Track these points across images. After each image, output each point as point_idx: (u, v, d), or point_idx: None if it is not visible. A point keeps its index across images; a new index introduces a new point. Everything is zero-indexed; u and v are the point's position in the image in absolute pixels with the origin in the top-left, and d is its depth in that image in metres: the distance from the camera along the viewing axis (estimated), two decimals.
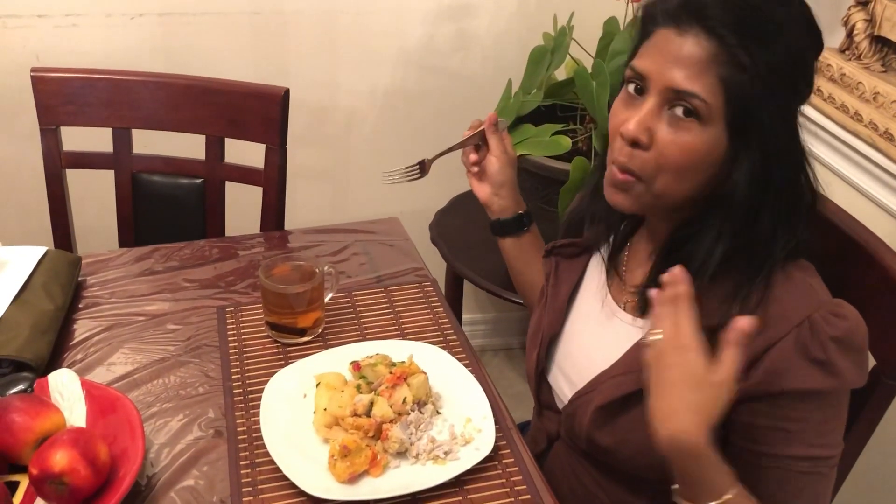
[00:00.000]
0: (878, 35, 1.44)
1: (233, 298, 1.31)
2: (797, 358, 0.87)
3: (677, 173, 0.90)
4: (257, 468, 1.00)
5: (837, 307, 0.88)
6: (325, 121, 2.15)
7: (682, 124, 0.88)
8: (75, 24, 1.93)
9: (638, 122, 0.89)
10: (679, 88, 0.87)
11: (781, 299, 0.89)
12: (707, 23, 0.85)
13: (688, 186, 0.91)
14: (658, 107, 0.89)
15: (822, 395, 0.88)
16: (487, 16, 2.11)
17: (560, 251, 1.13)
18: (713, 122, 0.87)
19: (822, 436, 0.89)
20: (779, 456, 0.90)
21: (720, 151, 0.89)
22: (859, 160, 1.44)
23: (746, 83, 0.85)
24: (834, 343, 0.86)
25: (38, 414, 0.97)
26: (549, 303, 1.13)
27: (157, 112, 1.55)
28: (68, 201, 1.61)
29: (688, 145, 0.88)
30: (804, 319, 0.87)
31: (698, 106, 0.86)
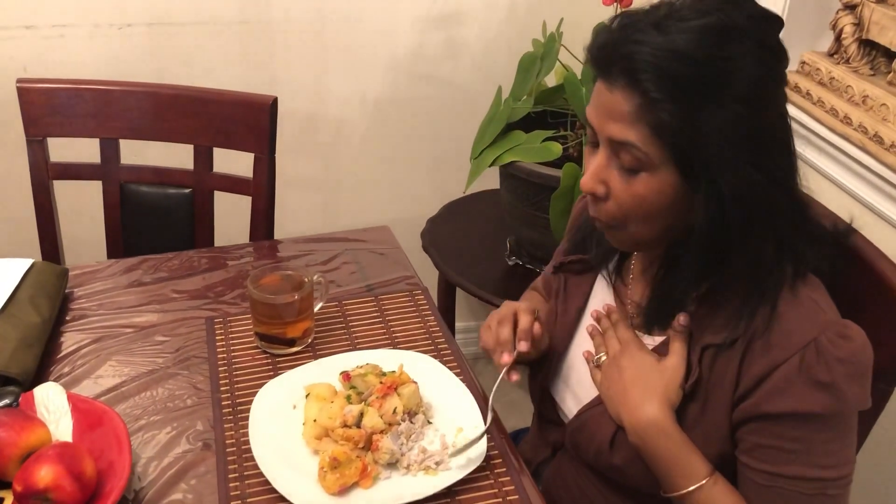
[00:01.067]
0: (866, 38, 1.44)
1: (222, 309, 1.30)
2: (801, 380, 0.86)
3: (641, 219, 0.90)
4: (246, 481, 0.99)
5: (844, 328, 0.87)
6: (314, 129, 2.14)
7: (630, 174, 0.88)
8: (63, 35, 1.92)
9: (591, 176, 0.91)
10: (617, 140, 0.87)
11: (788, 319, 0.88)
12: (631, 76, 0.84)
13: (659, 226, 0.91)
14: (607, 158, 0.90)
15: (825, 418, 0.87)
16: (477, 23, 2.11)
17: (569, 267, 1.13)
18: (660, 167, 0.86)
19: (828, 456, 0.88)
20: (782, 476, 0.89)
21: (677, 192, 0.87)
22: (849, 163, 1.43)
23: (681, 130, 0.83)
24: (840, 365, 0.85)
25: (24, 429, 0.96)
26: (558, 319, 1.13)
27: (144, 122, 1.54)
28: (56, 212, 1.59)
29: (641, 194, 0.88)
30: (811, 341, 0.86)
31: (638, 156, 0.86)
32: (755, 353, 0.89)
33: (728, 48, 0.83)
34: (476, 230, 2.04)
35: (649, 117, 0.84)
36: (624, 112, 0.85)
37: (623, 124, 0.86)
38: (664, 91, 0.83)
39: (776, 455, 0.89)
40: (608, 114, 0.87)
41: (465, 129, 2.04)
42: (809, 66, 1.54)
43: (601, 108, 0.89)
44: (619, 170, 0.89)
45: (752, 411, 0.89)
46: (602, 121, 0.88)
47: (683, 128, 0.83)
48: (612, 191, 0.90)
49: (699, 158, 0.85)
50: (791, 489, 0.89)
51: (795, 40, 1.60)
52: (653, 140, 0.85)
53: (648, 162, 0.86)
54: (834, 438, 0.89)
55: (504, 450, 1.04)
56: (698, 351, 0.93)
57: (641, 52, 0.83)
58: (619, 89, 0.85)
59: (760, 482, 0.90)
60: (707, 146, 0.84)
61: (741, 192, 0.85)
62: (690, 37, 0.83)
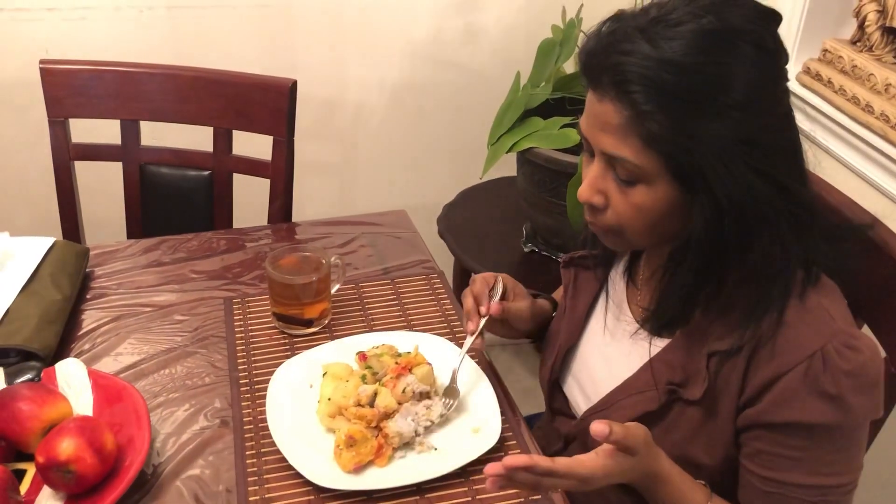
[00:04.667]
0: (889, 26, 1.43)
1: (240, 290, 1.31)
2: (806, 390, 0.85)
3: (640, 227, 0.89)
4: (263, 458, 1.00)
5: (853, 339, 0.85)
6: (333, 114, 2.15)
7: (628, 185, 0.87)
8: (84, 18, 1.93)
9: (589, 187, 0.89)
10: (609, 153, 0.86)
11: (795, 327, 0.86)
12: (620, 88, 0.82)
13: (658, 234, 0.90)
14: (603, 169, 0.88)
15: (830, 429, 0.86)
16: (496, 9, 2.11)
17: (580, 262, 1.12)
18: (656, 178, 0.85)
19: (832, 464, 0.87)
20: (784, 483, 0.88)
21: (674, 201, 0.86)
22: (870, 152, 1.42)
23: (674, 141, 0.82)
24: (847, 378, 0.83)
25: (45, 402, 0.97)
26: (567, 314, 1.12)
27: (165, 104, 1.55)
28: (77, 193, 1.61)
29: (638, 204, 0.87)
30: (817, 350, 0.84)
31: (632, 169, 0.85)
32: (761, 361, 0.87)
33: (722, 54, 0.81)
34: (492, 216, 2.04)
35: (640, 129, 0.82)
36: (615, 125, 0.84)
37: (615, 137, 0.84)
38: (654, 103, 0.80)
39: (779, 462, 0.88)
40: (600, 126, 0.86)
41: (483, 115, 2.04)
42: (831, 54, 1.53)
43: (593, 119, 0.87)
44: (616, 181, 0.88)
45: (757, 419, 0.88)
46: (594, 133, 0.87)
47: (677, 138, 0.81)
48: (611, 201, 0.89)
49: (695, 168, 0.82)
50: (792, 496, 0.88)
51: (818, 27, 1.59)
52: (646, 152, 0.83)
53: (643, 174, 0.84)
54: (839, 448, 0.87)
55: (518, 432, 1.05)
56: (705, 358, 0.91)
57: (629, 63, 0.81)
58: (609, 101, 0.83)
59: (762, 487, 0.90)
60: (703, 156, 0.81)
61: (740, 200, 0.83)
62: (681, 43, 0.80)
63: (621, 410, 0.99)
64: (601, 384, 1.04)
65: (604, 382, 1.03)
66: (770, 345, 0.87)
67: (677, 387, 0.93)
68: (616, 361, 1.03)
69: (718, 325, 0.91)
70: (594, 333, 1.09)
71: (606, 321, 1.07)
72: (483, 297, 1.09)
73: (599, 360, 1.07)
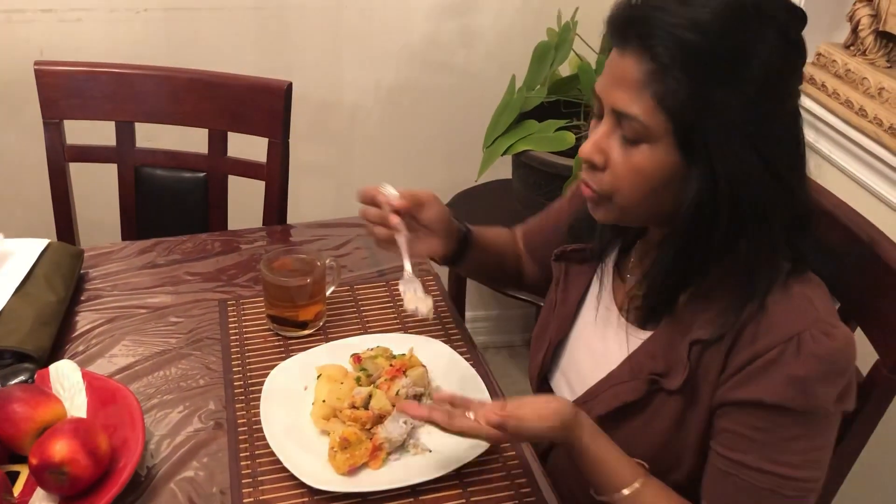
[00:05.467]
0: (883, 30, 1.44)
1: (234, 292, 1.31)
2: (774, 371, 0.85)
3: (633, 191, 0.89)
4: (257, 460, 1.00)
5: (830, 327, 0.86)
6: (328, 116, 2.15)
7: (630, 145, 0.87)
8: (80, 19, 1.93)
9: (592, 145, 0.90)
10: (618, 110, 0.86)
11: (776, 313, 0.87)
12: (645, 40, 0.83)
13: (650, 202, 0.90)
14: (610, 128, 0.89)
15: (792, 412, 0.86)
16: (492, 12, 2.11)
17: (570, 256, 1.12)
18: (660, 141, 0.85)
19: (789, 454, 0.87)
20: (739, 463, 0.89)
21: (673, 168, 0.86)
22: (864, 156, 1.43)
23: (687, 103, 0.82)
24: (815, 362, 0.84)
25: (39, 404, 0.97)
26: (557, 308, 1.12)
27: (160, 106, 1.55)
28: (71, 195, 1.61)
29: (637, 166, 0.87)
30: (795, 336, 0.85)
31: (638, 128, 0.85)
32: (741, 347, 0.88)
33: (749, 28, 0.82)
34: (487, 219, 2.03)
35: (656, 87, 0.83)
36: (632, 79, 0.84)
37: (629, 93, 0.85)
38: (675, 59, 0.81)
39: (737, 441, 0.89)
40: (616, 81, 0.86)
41: (479, 118, 2.04)
42: (825, 58, 1.53)
43: (610, 76, 0.88)
44: (621, 140, 0.88)
45: (724, 397, 0.89)
46: (609, 90, 0.87)
47: (690, 101, 0.82)
48: (610, 161, 0.89)
49: (700, 135, 0.83)
50: (745, 479, 0.88)
51: (812, 31, 1.57)
52: (656, 112, 0.84)
53: (649, 135, 0.85)
54: (798, 437, 0.87)
55: None
56: (687, 347, 0.92)
57: (659, 19, 0.82)
58: (631, 54, 0.84)
59: (720, 467, 0.91)
60: (711, 123, 0.83)
61: (737, 177, 0.84)
62: (711, 9, 0.82)
63: (602, 402, 0.99)
64: (587, 377, 1.04)
65: (590, 375, 1.04)
66: (751, 331, 0.88)
67: (658, 377, 0.94)
68: (602, 354, 1.03)
69: (701, 314, 0.92)
70: (584, 327, 1.10)
71: (596, 314, 1.08)
72: (377, 193, 1.11)
73: (587, 353, 1.08)
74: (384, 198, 1.11)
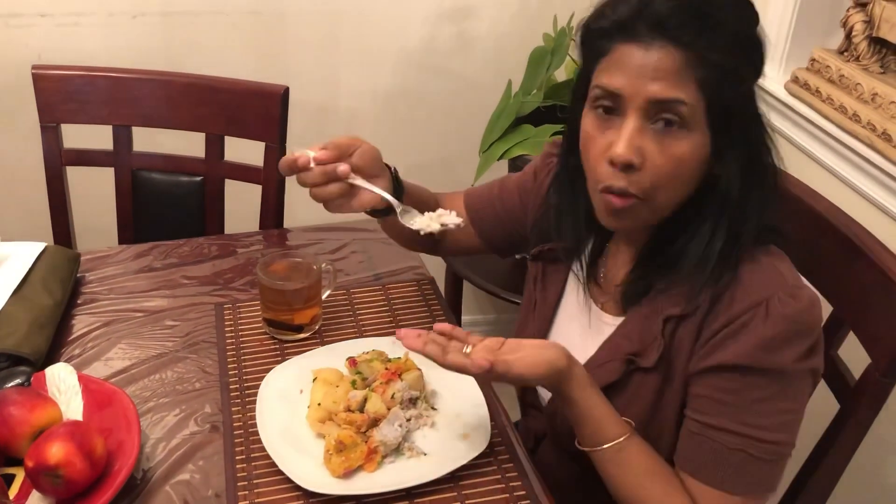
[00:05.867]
0: (876, 36, 1.45)
1: (231, 295, 1.32)
2: (745, 334, 0.88)
3: (673, 184, 0.90)
4: (252, 463, 1.01)
5: (796, 290, 0.89)
6: (325, 121, 2.15)
7: (668, 135, 0.87)
8: (77, 23, 1.94)
9: (627, 145, 0.87)
10: (662, 99, 0.85)
11: (746, 282, 0.90)
12: (669, 33, 0.84)
13: (683, 193, 0.92)
14: (640, 123, 0.87)
15: (760, 372, 0.88)
16: (488, 17, 2.12)
17: (547, 255, 1.13)
18: (696, 125, 0.87)
19: (758, 416, 0.89)
20: (708, 425, 0.91)
21: (706, 151, 0.89)
22: (857, 161, 1.44)
23: (720, 80, 0.85)
24: (782, 322, 0.87)
25: (35, 407, 0.97)
26: (537, 307, 1.14)
27: (157, 110, 1.55)
28: (68, 198, 1.61)
29: (678, 155, 0.87)
30: (763, 301, 0.88)
31: (683, 112, 0.85)
32: (713, 317, 0.91)
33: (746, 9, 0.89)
34: None
35: (695, 72, 0.84)
36: (669, 71, 0.84)
37: (668, 82, 0.85)
38: (707, 39, 0.84)
39: (708, 405, 0.91)
40: (650, 75, 0.85)
41: (475, 123, 2.05)
42: (819, 63, 1.54)
43: (637, 70, 0.85)
44: (654, 133, 0.87)
45: (697, 366, 0.92)
46: (639, 84, 0.85)
47: (724, 83, 0.85)
48: (648, 157, 0.87)
49: (728, 119, 0.87)
50: (715, 439, 0.91)
51: (806, 37, 1.61)
52: (697, 94, 0.85)
53: (690, 118, 0.86)
54: (767, 398, 0.89)
55: (507, 436, 1.06)
56: (661, 323, 0.94)
57: (675, 5, 0.84)
58: (659, 49, 0.84)
59: (692, 430, 0.93)
60: (736, 107, 0.87)
61: (760, 148, 0.90)
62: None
63: None
64: None
65: None
66: (724, 302, 0.90)
67: (634, 356, 0.96)
68: (581, 347, 1.04)
69: (673, 291, 0.94)
70: (562, 323, 1.11)
71: (574, 309, 1.09)
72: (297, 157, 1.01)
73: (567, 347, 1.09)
74: (307, 158, 1.00)
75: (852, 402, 1.01)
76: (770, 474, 0.92)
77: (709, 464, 0.92)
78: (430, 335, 0.93)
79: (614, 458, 0.94)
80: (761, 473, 0.91)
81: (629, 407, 0.97)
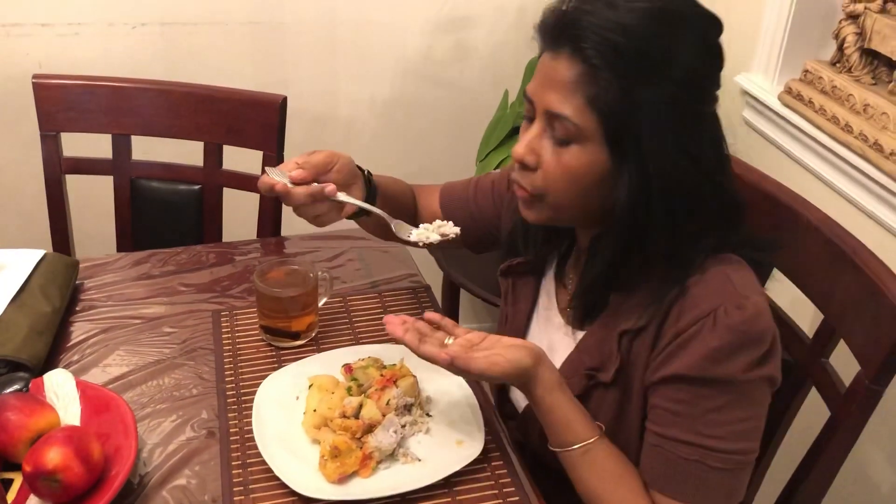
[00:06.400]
0: (868, 48, 1.46)
1: (228, 302, 1.33)
2: (694, 345, 0.89)
3: (565, 191, 0.92)
4: (249, 468, 1.01)
5: (742, 300, 0.89)
6: (323, 130, 2.17)
7: (562, 146, 0.90)
8: (77, 33, 1.96)
9: (524, 145, 0.92)
10: (553, 112, 0.89)
11: (695, 294, 0.91)
12: (576, 43, 0.86)
13: (581, 202, 0.93)
14: (542, 129, 0.91)
15: (712, 383, 0.89)
16: (486, 27, 2.14)
17: (515, 270, 1.14)
18: (590, 141, 0.88)
19: (713, 426, 0.90)
20: (663, 436, 0.92)
21: (604, 168, 0.89)
22: (849, 171, 1.45)
23: (616, 103, 0.86)
24: (728, 333, 0.88)
25: (33, 412, 0.98)
26: (509, 322, 1.15)
27: (156, 119, 1.57)
28: (67, 206, 1.62)
29: (568, 166, 0.90)
30: (711, 311, 0.89)
31: (570, 128, 0.88)
32: (665, 329, 0.92)
33: (671, 32, 0.87)
34: None
35: (587, 88, 0.86)
36: (564, 81, 0.87)
37: (560, 94, 0.88)
38: (606, 60, 0.85)
39: (663, 416, 0.93)
40: (549, 84, 0.89)
41: (472, 132, 2.07)
42: (812, 75, 1.56)
43: (542, 79, 0.90)
44: (552, 141, 0.91)
45: (651, 377, 0.94)
46: (541, 92, 0.90)
47: (619, 100, 0.86)
48: (542, 162, 0.92)
49: (630, 134, 0.87)
50: (672, 451, 0.92)
51: (799, 48, 1.63)
52: (587, 111, 0.87)
53: (580, 134, 0.88)
54: (720, 408, 0.90)
55: (501, 443, 1.07)
56: (616, 338, 0.95)
57: (589, 23, 0.86)
58: (563, 58, 0.87)
59: (650, 442, 0.94)
60: (640, 122, 0.86)
61: (669, 174, 0.88)
62: (637, 14, 0.86)
63: None
64: None
65: None
66: (674, 314, 0.92)
67: (594, 371, 0.97)
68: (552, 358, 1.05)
69: (627, 305, 0.96)
70: (533, 337, 1.12)
71: (544, 325, 1.11)
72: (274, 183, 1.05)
73: None
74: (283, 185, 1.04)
75: (843, 409, 1.02)
76: (732, 484, 0.93)
77: (668, 475, 0.93)
78: (416, 323, 0.97)
79: (581, 459, 0.95)
80: (722, 484, 0.92)
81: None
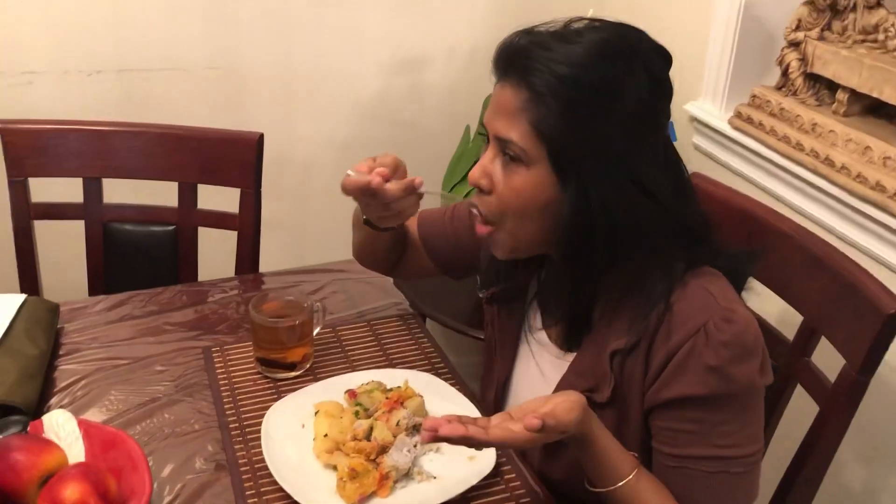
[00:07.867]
0: (810, 72, 1.57)
1: (216, 339, 1.32)
2: (692, 365, 0.93)
3: (518, 214, 0.96)
4: (264, 497, 1.01)
5: (729, 312, 0.92)
6: (283, 171, 2.18)
7: (510, 169, 0.94)
8: (31, 82, 1.93)
9: (478, 169, 0.97)
10: (499, 136, 0.94)
11: (680, 311, 0.94)
12: (523, 73, 0.91)
13: (536, 226, 0.97)
14: (495, 154, 0.96)
15: (718, 399, 0.93)
16: (439, 68, 2.20)
17: (500, 297, 1.16)
18: (536, 164, 0.92)
19: (726, 437, 0.94)
20: (682, 456, 0.95)
21: (550, 191, 0.93)
22: (803, 186, 1.55)
23: (559, 129, 0.90)
24: (724, 349, 0.91)
25: (41, 451, 0.96)
26: (498, 348, 1.17)
27: (129, 161, 1.55)
28: (36, 253, 1.58)
29: (517, 187, 0.94)
30: (700, 327, 0.92)
31: (516, 151, 0.93)
32: (656, 347, 0.95)
33: (619, 64, 0.91)
34: None
35: (531, 113, 0.91)
36: (510, 107, 0.92)
37: (507, 120, 0.93)
38: (550, 88, 0.89)
39: (677, 437, 0.96)
40: (498, 111, 0.94)
41: (432, 168, 2.11)
42: (760, 99, 1.66)
43: (493, 106, 0.95)
44: (503, 165, 0.95)
45: (654, 399, 0.96)
46: (492, 118, 0.95)
47: (563, 126, 0.90)
48: (495, 185, 0.96)
49: (573, 160, 0.91)
50: (695, 469, 0.95)
51: (744, 76, 1.73)
52: (531, 136, 0.91)
53: (526, 157, 0.93)
54: (730, 419, 0.94)
55: (512, 458, 1.08)
56: (608, 358, 0.98)
57: (537, 53, 0.91)
58: (511, 86, 0.92)
59: (668, 464, 0.97)
60: (582, 149, 0.91)
61: (609, 198, 0.91)
62: (585, 47, 0.91)
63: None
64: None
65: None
66: (663, 332, 0.95)
67: (589, 393, 0.99)
68: (542, 386, 1.09)
69: (615, 325, 0.98)
70: (523, 362, 1.15)
71: (532, 349, 1.13)
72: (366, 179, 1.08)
73: (528, 387, 1.13)
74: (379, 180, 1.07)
75: (832, 404, 1.07)
76: (752, 482, 0.97)
77: (697, 493, 0.95)
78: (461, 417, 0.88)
79: (629, 494, 0.94)
80: (743, 485, 0.96)
81: None
